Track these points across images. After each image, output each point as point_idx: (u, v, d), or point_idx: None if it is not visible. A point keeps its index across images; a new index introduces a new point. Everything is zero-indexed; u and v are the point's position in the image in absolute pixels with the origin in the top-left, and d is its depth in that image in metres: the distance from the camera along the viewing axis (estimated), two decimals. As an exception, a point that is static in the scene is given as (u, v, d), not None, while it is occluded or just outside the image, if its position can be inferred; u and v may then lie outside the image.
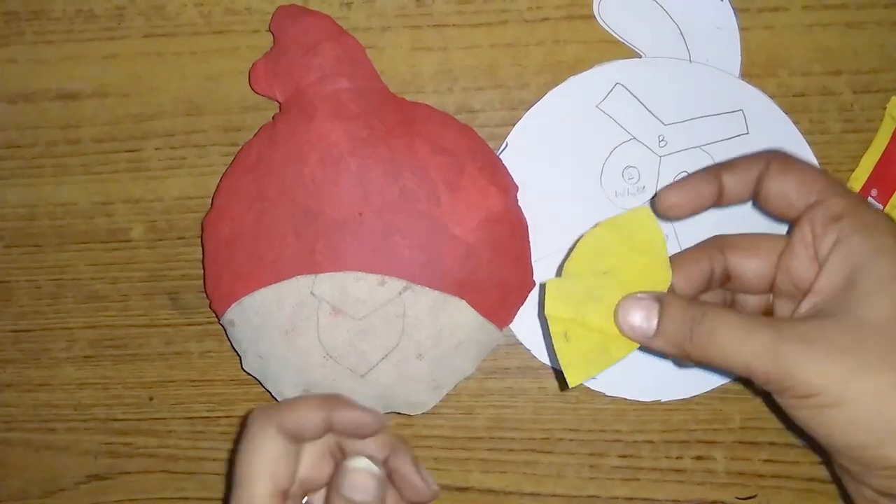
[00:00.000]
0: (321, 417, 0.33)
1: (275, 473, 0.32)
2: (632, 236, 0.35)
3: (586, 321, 0.34)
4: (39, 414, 0.47)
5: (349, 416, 0.34)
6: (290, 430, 0.33)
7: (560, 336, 0.34)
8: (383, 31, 0.44)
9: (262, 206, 0.41)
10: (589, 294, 0.34)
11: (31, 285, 0.46)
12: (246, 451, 0.33)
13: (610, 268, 0.35)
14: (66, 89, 0.45)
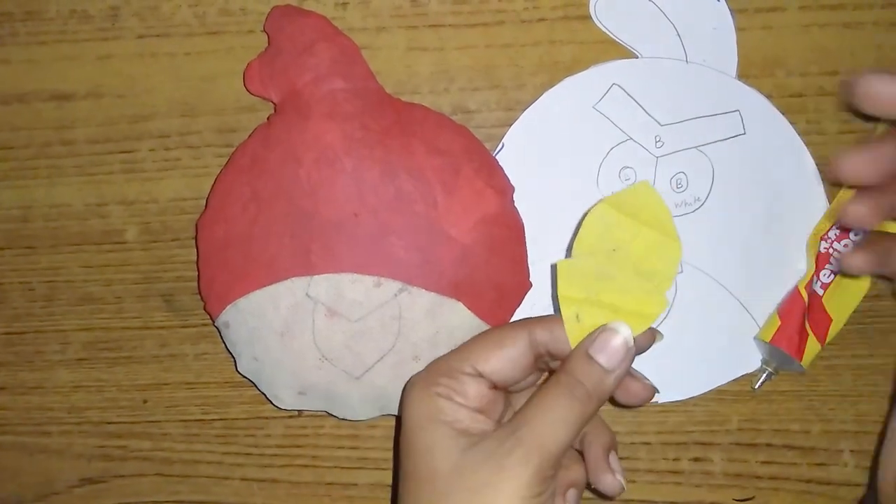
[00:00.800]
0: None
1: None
2: (636, 210, 0.34)
3: (599, 299, 0.34)
4: (33, 417, 0.47)
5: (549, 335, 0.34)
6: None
7: (572, 318, 0.34)
8: (379, 31, 0.44)
9: (257, 208, 0.41)
10: (600, 272, 0.34)
11: (25, 287, 0.46)
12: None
13: (618, 244, 0.34)
14: (61, 90, 0.45)
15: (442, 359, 0.36)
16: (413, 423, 0.34)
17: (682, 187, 0.44)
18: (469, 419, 0.34)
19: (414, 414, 0.34)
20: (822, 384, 0.45)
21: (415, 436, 0.34)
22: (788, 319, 0.43)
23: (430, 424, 0.34)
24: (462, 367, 0.35)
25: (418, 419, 0.34)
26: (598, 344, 0.33)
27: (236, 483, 0.46)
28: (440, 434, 0.33)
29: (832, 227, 0.43)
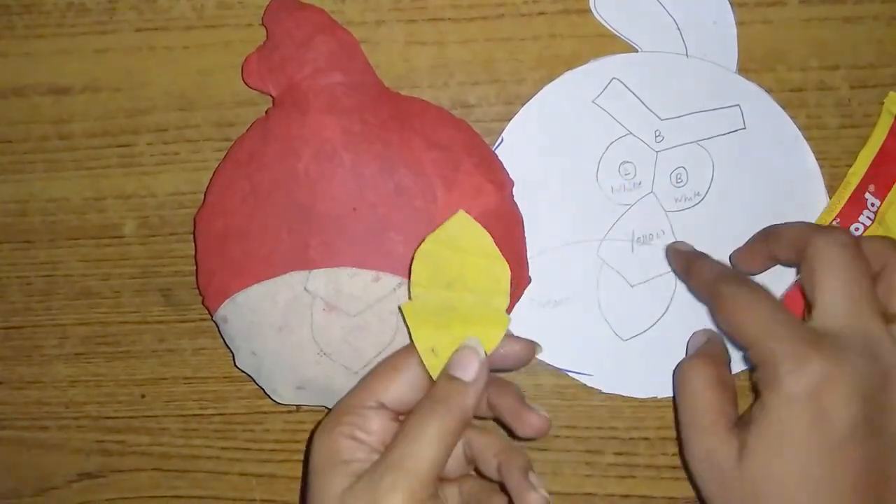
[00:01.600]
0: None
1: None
2: (458, 242, 0.37)
3: (448, 331, 0.36)
4: (31, 412, 0.47)
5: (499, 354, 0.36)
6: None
7: (428, 353, 0.36)
8: (378, 24, 0.44)
9: (255, 202, 0.41)
10: (442, 306, 0.37)
11: (22, 282, 0.46)
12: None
13: (451, 278, 0.37)
14: (58, 84, 0.45)
15: (345, 397, 0.37)
16: (312, 468, 0.35)
17: (681, 182, 0.44)
18: (367, 455, 0.34)
19: (314, 459, 0.35)
20: (821, 379, 0.45)
21: (311, 481, 0.35)
22: (788, 315, 0.43)
23: (326, 467, 0.34)
24: (363, 402, 0.35)
25: (316, 464, 0.35)
26: (454, 361, 0.35)
27: (235, 478, 0.46)
28: (332, 475, 0.34)
29: (832, 222, 0.43)
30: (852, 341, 0.33)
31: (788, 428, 0.33)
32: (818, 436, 0.32)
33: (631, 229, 0.44)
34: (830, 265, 0.34)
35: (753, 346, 0.35)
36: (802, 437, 0.32)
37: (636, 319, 0.44)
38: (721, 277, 0.37)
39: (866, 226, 0.43)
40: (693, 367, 0.37)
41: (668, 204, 0.44)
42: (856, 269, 0.34)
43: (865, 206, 0.43)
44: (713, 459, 0.35)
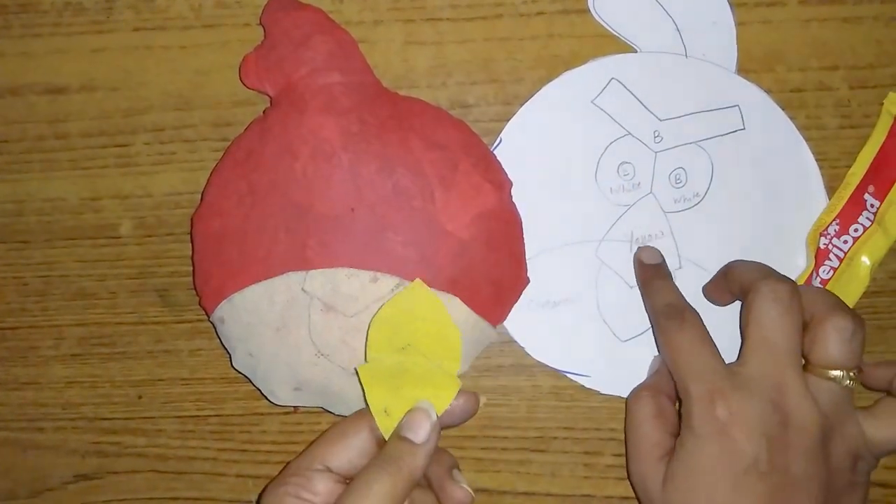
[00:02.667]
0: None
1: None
2: (413, 309, 0.39)
3: (401, 392, 0.38)
4: (27, 413, 0.46)
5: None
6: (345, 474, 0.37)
7: (381, 413, 0.37)
8: (376, 24, 0.44)
9: (252, 202, 0.41)
10: (397, 369, 0.38)
11: (18, 282, 0.46)
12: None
13: (405, 342, 0.39)
14: (54, 83, 0.44)
15: (294, 459, 0.37)
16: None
17: (681, 183, 0.44)
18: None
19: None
20: (820, 381, 0.45)
21: None
22: (787, 316, 0.43)
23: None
24: (310, 464, 0.37)
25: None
26: (406, 423, 0.37)
27: (231, 480, 0.46)
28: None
29: (832, 223, 0.43)
30: (762, 386, 0.37)
31: (698, 461, 0.36)
32: (724, 467, 0.36)
33: (630, 230, 0.44)
34: (760, 317, 0.38)
35: (678, 383, 0.38)
36: (710, 468, 0.36)
37: (635, 320, 0.44)
38: (664, 311, 0.40)
39: (866, 226, 0.43)
40: (637, 400, 0.41)
41: (667, 205, 0.44)
42: (782, 325, 0.37)
43: (865, 207, 0.43)
44: (645, 484, 0.39)
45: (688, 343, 0.38)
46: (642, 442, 0.39)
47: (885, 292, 0.45)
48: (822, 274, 0.43)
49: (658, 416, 0.40)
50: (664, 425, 0.40)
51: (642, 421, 0.40)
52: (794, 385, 0.37)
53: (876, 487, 0.45)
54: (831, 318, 0.37)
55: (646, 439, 0.39)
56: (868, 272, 0.43)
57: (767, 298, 0.38)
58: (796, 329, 0.38)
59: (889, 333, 0.45)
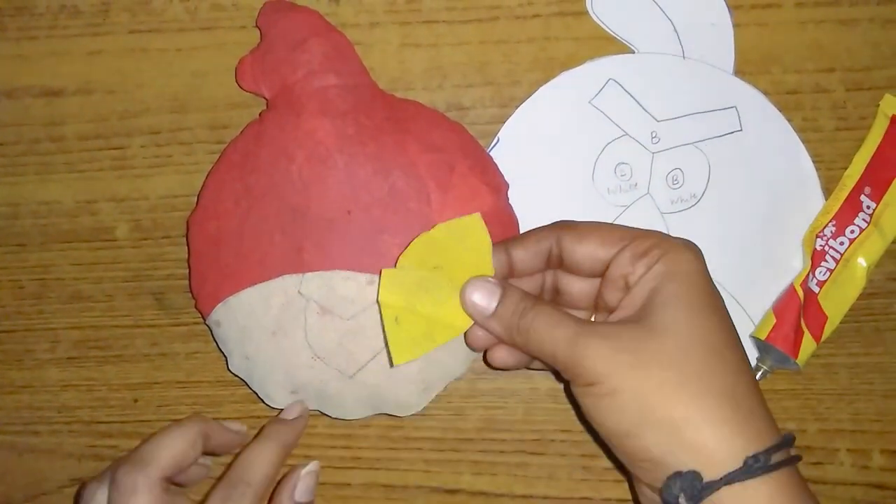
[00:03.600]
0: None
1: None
2: (463, 238, 0.38)
3: (416, 308, 0.37)
4: (22, 416, 0.46)
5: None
6: (173, 477, 0.37)
7: (391, 319, 0.38)
8: (372, 26, 0.44)
9: (248, 205, 0.41)
10: (420, 285, 0.38)
11: (14, 285, 0.45)
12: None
13: (440, 264, 0.38)
14: (50, 86, 0.44)
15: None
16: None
17: (678, 183, 0.44)
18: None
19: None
20: (817, 382, 0.45)
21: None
22: (784, 317, 0.43)
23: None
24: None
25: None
26: (301, 490, 0.40)
27: (228, 483, 0.46)
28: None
29: (828, 225, 0.43)
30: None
31: (697, 281, 0.35)
32: (715, 289, 0.35)
33: (627, 232, 0.44)
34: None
35: (630, 245, 0.36)
36: (709, 287, 0.35)
37: (632, 322, 0.44)
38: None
39: (862, 228, 0.43)
40: (532, 320, 0.36)
41: (664, 205, 0.44)
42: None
43: (861, 209, 0.43)
44: (614, 340, 0.34)
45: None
46: (565, 328, 0.35)
47: (881, 294, 0.45)
48: (818, 275, 0.43)
49: (555, 309, 0.36)
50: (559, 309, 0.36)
51: (548, 326, 0.35)
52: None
53: (874, 489, 0.45)
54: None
55: (563, 323, 0.35)
56: (864, 274, 0.43)
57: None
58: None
59: (886, 335, 0.45)
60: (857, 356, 0.45)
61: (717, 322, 0.34)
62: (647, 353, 0.33)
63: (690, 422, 0.32)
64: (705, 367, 0.33)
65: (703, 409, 0.32)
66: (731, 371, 0.33)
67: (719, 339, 0.33)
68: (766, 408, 0.33)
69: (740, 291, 0.44)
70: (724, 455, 0.31)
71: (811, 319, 0.43)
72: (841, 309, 0.44)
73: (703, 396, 0.32)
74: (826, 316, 0.43)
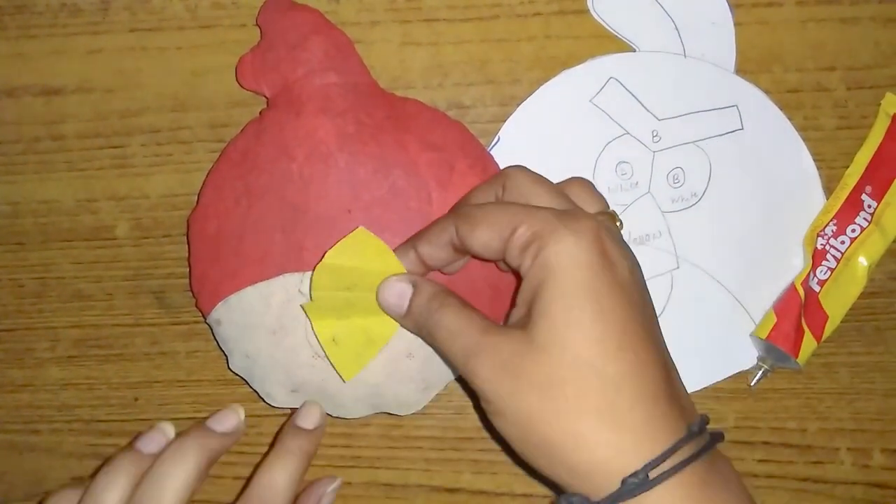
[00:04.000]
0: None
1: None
2: (359, 252, 0.38)
3: (349, 322, 0.38)
4: (22, 415, 0.46)
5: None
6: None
7: (329, 342, 0.39)
8: (373, 25, 0.44)
9: (248, 203, 0.41)
10: (343, 302, 0.38)
11: (14, 284, 0.45)
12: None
13: (352, 282, 0.38)
14: (50, 84, 0.44)
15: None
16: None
17: (678, 182, 0.44)
18: None
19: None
20: (818, 382, 0.45)
21: None
22: (785, 316, 0.43)
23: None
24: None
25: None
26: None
27: (228, 482, 0.46)
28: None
29: (829, 224, 0.43)
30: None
31: (584, 280, 0.32)
32: (608, 278, 0.32)
33: (628, 229, 0.44)
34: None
35: (516, 232, 0.33)
36: (595, 283, 0.32)
37: (633, 321, 0.44)
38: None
39: (863, 227, 0.43)
40: (437, 322, 0.35)
41: (664, 204, 0.44)
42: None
43: (862, 208, 0.43)
44: (502, 357, 0.32)
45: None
46: (468, 329, 0.34)
47: (882, 293, 0.45)
48: (819, 274, 0.43)
49: (464, 305, 0.35)
50: (470, 308, 0.35)
51: (454, 318, 0.34)
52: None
53: (874, 488, 0.45)
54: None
55: (470, 325, 0.34)
56: (865, 273, 0.43)
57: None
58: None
59: (887, 334, 0.45)
60: (857, 355, 0.45)
61: (599, 330, 0.31)
62: (524, 374, 0.32)
63: (567, 445, 0.31)
64: (581, 387, 0.31)
65: (579, 434, 0.31)
66: (609, 386, 0.31)
67: (598, 352, 0.31)
68: (663, 409, 0.31)
69: (741, 290, 0.44)
70: (602, 478, 0.31)
71: (812, 318, 0.43)
72: (842, 308, 0.43)
73: (580, 419, 0.31)
74: (827, 315, 0.43)
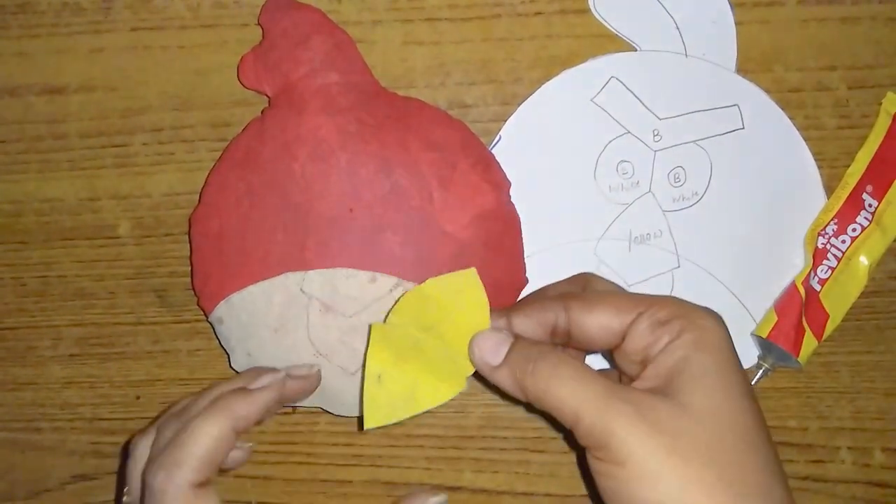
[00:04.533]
0: (231, 438, 0.35)
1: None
2: (457, 296, 0.36)
3: (403, 368, 0.35)
4: (25, 413, 0.46)
5: (254, 411, 0.36)
6: (206, 477, 0.34)
7: (374, 377, 0.35)
8: (374, 24, 0.44)
9: (250, 202, 0.41)
10: (411, 343, 0.35)
11: (17, 282, 0.45)
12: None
13: (432, 323, 0.36)
14: (52, 84, 0.44)
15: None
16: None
17: (679, 181, 0.44)
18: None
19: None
20: (819, 381, 0.45)
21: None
22: (785, 315, 0.43)
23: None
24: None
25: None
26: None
27: (230, 480, 0.46)
28: None
29: (830, 223, 0.43)
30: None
31: (730, 358, 0.32)
32: (740, 366, 0.32)
33: (628, 229, 0.44)
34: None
35: (645, 313, 0.33)
36: (738, 366, 0.32)
37: (634, 320, 0.44)
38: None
39: (864, 226, 0.43)
40: (552, 369, 0.32)
41: (665, 203, 0.44)
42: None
43: (863, 207, 0.43)
44: (652, 415, 0.30)
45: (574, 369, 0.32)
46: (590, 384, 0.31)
47: (883, 292, 0.45)
48: (819, 273, 0.43)
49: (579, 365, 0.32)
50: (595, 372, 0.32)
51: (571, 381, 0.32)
52: None
53: (875, 487, 0.45)
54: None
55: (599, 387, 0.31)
56: (866, 272, 0.43)
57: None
58: None
59: (887, 333, 0.45)
60: (858, 354, 0.45)
61: (749, 405, 0.31)
62: (686, 437, 0.29)
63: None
64: (744, 462, 0.29)
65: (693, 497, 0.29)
66: (769, 468, 0.30)
67: (755, 428, 0.30)
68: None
69: (741, 289, 0.44)
70: None
71: (812, 317, 0.43)
72: (842, 307, 0.44)
73: (743, 498, 0.29)
74: (827, 314, 0.43)
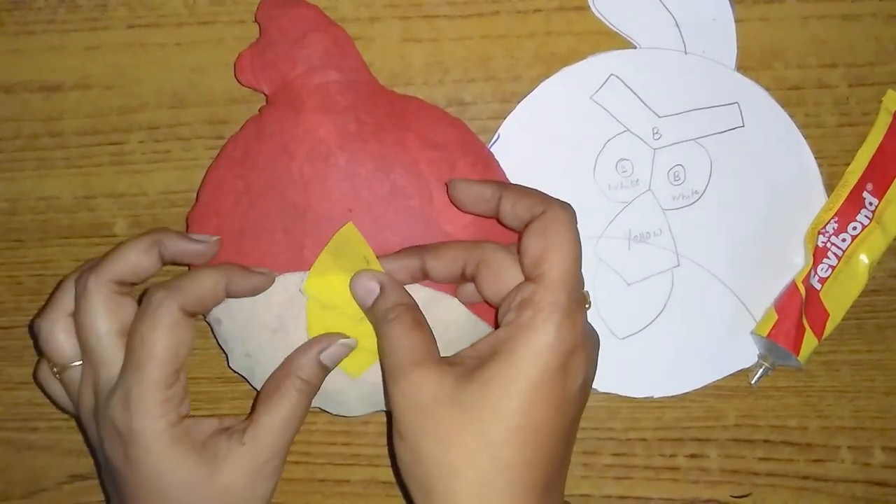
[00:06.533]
0: (221, 288, 0.37)
1: (176, 353, 0.36)
2: (347, 253, 0.39)
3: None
4: (21, 413, 0.46)
5: (246, 282, 0.38)
6: (193, 308, 0.37)
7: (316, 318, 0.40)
8: (373, 21, 0.43)
9: (248, 202, 0.41)
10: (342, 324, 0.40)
11: (13, 281, 0.45)
12: (148, 332, 0.35)
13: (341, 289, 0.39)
14: (48, 81, 0.44)
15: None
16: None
17: (679, 180, 0.43)
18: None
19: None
20: (819, 380, 0.45)
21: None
22: (785, 314, 0.43)
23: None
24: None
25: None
26: (331, 353, 0.39)
27: (228, 480, 0.46)
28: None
29: (830, 221, 0.43)
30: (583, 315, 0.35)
31: (535, 378, 0.33)
32: (559, 389, 0.34)
33: (628, 227, 0.43)
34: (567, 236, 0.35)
35: (520, 289, 0.35)
36: (545, 388, 0.34)
37: (632, 318, 0.44)
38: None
39: (864, 224, 0.43)
40: (387, 331, 0.37)
41: (665, 202, 0.44)
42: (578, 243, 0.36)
43: (863, 205, 0.43)
44: (421, 395, 0.34)
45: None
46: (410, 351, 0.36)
47: (883, 291, 0.45)
48: (820, 272, 0.43)
49: (417, 325, 0.37)
50: (425, 333, 0.37)
51: (404, 333, 0.36)
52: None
53: (875, 486, 0.45)
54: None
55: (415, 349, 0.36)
56: (866, 270, 0.43)
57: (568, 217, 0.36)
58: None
59: (888, 332, 0.45)
60: (858, 353, 0.45)
61: (516, 422, 0.34)
62: (434, 421, 0.34)
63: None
64: (474, 462, 0.34)
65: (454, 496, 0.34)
66: (498, 469, 0.34)
67: (504, 439, 0.34)
68: (536, 498, 0.35)
69: (742, 288, 0.44)
70: None
71: (813, 316, 0.43)
72: (843, 306, 0.43)
73: (462, 484, 0.34)
74: (828, 313, 0.43)
